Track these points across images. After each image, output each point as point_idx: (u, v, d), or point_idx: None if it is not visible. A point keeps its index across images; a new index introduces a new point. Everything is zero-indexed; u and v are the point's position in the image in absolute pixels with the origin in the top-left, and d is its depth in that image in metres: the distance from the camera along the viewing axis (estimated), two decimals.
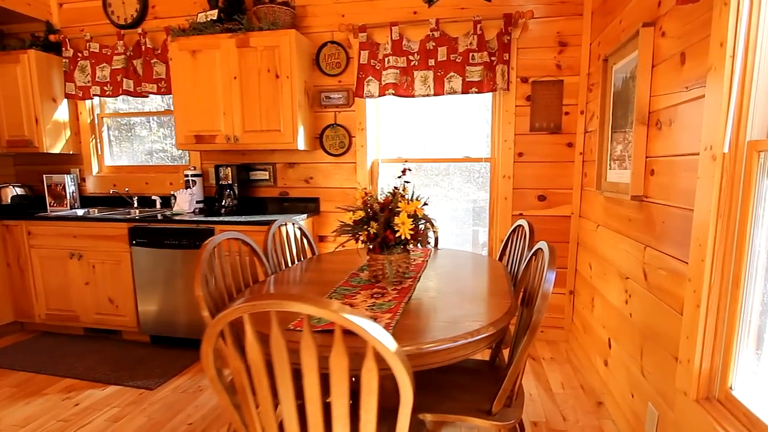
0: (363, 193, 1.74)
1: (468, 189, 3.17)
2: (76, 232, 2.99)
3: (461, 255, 2.26)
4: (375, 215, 1.66)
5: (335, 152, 3.11)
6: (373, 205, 1.66)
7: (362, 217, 1.67)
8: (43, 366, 2.72)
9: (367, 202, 1.70)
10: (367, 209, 1.68)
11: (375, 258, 1.72)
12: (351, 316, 0.83)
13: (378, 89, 2.83)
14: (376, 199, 1.71)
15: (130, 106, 3.64)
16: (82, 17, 3.45)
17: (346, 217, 1.68)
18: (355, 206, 1.72)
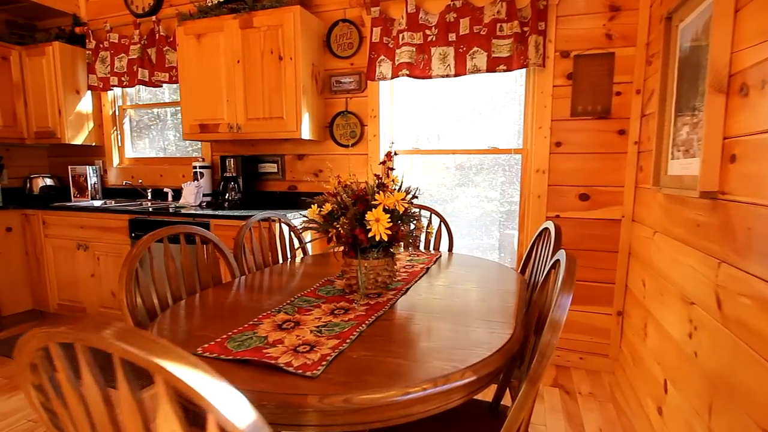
0: (337, 180, 1.39)
1: (495, 186, 2.72)
2: (83, 223, 2.91)
3: (474, 263, 1.83)
4: (346, 209, 1.30)
5: (346, 142, 2.79)
6: (342, 196, 1.30)
7: (330, 210, 1.32)
8: None
9: (337, 192, 1.35)
10: (338, 201, 1.33)
11: (349, 263, 1.36)
12: (169, 364, 0.48)
13: (391, 70, 2.46)
14: (351, 189, 1.36)
15: (153, 97, 3.55)
16: (106, 9, 3.40)
17: (311, 211, 1.34)
18: (325, 197, 1.37)
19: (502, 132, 2.60)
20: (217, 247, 1.62)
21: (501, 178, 2.72)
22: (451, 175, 2.81)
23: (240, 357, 0.88)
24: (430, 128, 2.78)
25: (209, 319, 1.15)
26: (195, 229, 1.56)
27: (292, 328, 1.05)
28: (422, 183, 2.83)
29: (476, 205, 2.83)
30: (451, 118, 2.72)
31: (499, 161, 2.66)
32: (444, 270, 1.71)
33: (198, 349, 0.93)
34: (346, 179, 1.37)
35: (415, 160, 2.83)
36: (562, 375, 2.40)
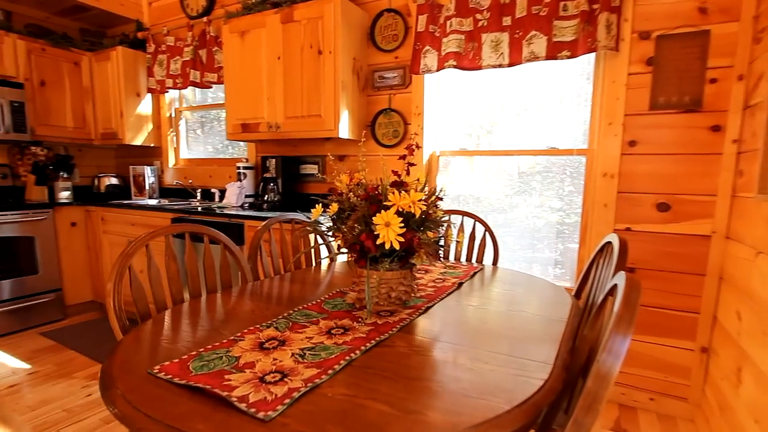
0: (348, 177, 1.22)
1: (561, 194, 2.39)
2: (133, 221, 3.03)
3: (519, 280, 1.57)
4: (352, 210, 1.13)
5: (388, 142, 2.62)
6: (349, 195, 1.13)
7: (336, 212, 1.15)
8: (88, 348, 2.76)
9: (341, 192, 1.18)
10: (345, 201, 1.16)
11: (359, 273, 1.19)
12: None
13: (437, 61, 2.26)
14: (364, 187, 1.18)
15: (207, 98, 3.66)
16: (166, 13, 3.57)
17: (315, 211, 1.18)
18: (334, 197, 1.21)
19: (564, 131, 2.28)
20: (228, 249, 1.53)
21: (568, 186, 2.40)
22: (512, 181, 2.53)
23: (193, 383, 0.73)
24: (479, 127, 2.53)
25: (192, 329, 1.04)
26: (203, 229, 1.48)
27: (274, 349, 0.90)
28: (481, 190, 2.58)
29: (538, 215, 2.52)
30: (503, 115, 2.45)
31: (566, 167, 2.34)
32: (480, 287, 1.47)
33: (156, 367, 0.80)
34: (360, 177, 1.20)
35: (475, 166, 2.59)
36: (627, 417, 2.03)
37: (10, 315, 3.02)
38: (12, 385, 2.36)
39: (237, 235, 2.46)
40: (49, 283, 3.22)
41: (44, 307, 3.20)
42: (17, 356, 2.69)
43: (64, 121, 3.49)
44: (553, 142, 2.29)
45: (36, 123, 3.30)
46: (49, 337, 2.98)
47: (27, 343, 2.89)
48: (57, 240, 3.24)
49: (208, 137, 3.70)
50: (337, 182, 1.19)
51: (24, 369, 2.54)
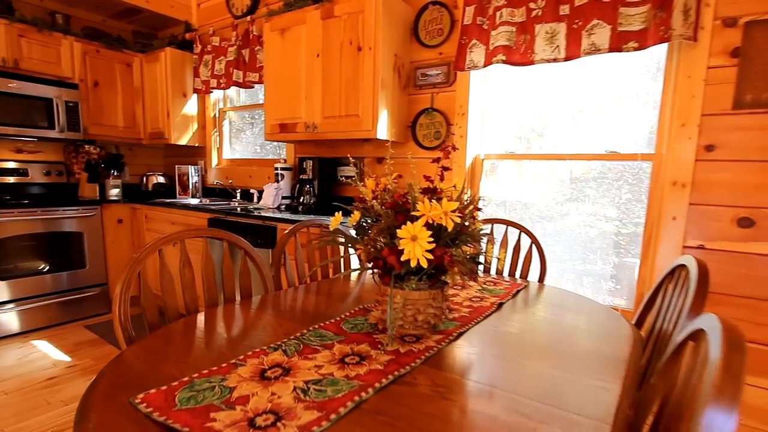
0: (374, 182, 1.09)
1: (618, 203, 2.14)
2: (173, 219, 3.08)
3: (569, 302, 1.38)
4: (376, 221, 1.00)
5: (429, 144, 2.48)
6: (373, 204, 1.00)
7: (359, 221, 1.03)
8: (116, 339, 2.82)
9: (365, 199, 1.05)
10: (368, 209, 1.03)
11: (383, 291, 1.06)
12: None
13: (484, 56, 2.09)
14: (391, 194, 1.05)
15: (250, 98, 3.69)
16: (213, 14, 3.63)
17: (334, 220, 1.06)
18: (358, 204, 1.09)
19: (624, 133, 2.03)
20: (249, 255, 1.45)
21: (626, 194, 2.15)
22: (564, 187, 2.31)
23: (171, 422, 0.63)
24: (529, 129, 2.32)
25: (195, 347, 0.95)
26: (223, 234, 1.41)
27: (276, 379, 0.79)
28: (529, 196, 2.38)
29: (591, 224, 2.28)
30: (555, 116, 2.23)
31: (624, 173, 2.09)
32: (524, 309, 1.30)
33: (139, 396, 0.71)
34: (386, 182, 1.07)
35: (524, 170, 2.38)
36: None
37: (60, 306, 3.16)
38: (51, 377, 2.43)
39: (270, 238, 2.41)
40: (96, 277, 3.35)
41: (90, 300, 3.33)
42: (61, 348, 2.80)
43: (115, 120, 3.63)
44: (612, 146, 2.04)
45: (89, 122, 3.45)
46: (92, 330, 3.09)
47: (72, 335, 3.01)
48: (104, 236, 3.36)
49: (253, 137, 3.72)
50: (361, 187, 1.07)
51: (64, 362, 2.62)
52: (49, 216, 3.04)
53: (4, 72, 2.98)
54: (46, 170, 3.48)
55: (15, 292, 2.93)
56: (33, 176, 3.41)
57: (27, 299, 2.99)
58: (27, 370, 2.49)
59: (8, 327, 2.91)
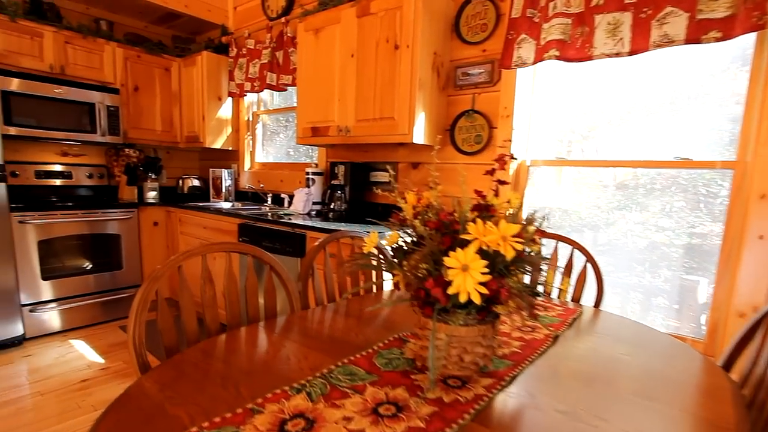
0: (415, 197, 0.94)
1: (670, 211, 1.89)
2: (205, 224, 3.04)
3: (636, 335, 1.17)
4: (418, 242, 0.84)
5: (469, 149, 2.29)
6: (414, 223, 0.84)
7: (397, 243, 0.88)
8: (156, 347, 2.79)
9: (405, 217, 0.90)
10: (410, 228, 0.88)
11: (423, 324, 0.90)
12: None
13: (534, 52, 1.89)
14: (436, 211, 0.89)
15: (284, 101, 3.63)
16: (249, 17, 3.59)
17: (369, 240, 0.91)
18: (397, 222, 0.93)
19: (696, 138, 1.77)
20: (275, 271, 1.33)
21: (679, 201, 1.90)
22: (608, 194, 2.08)
23: None
24: (572, 131, 2.10)
25: (210, 381, 0.83)
26: (248, 248, 1.29)
27: None
28: (570, 204, 2.16)
29: (640, 234, 2.04)
30: (610, 117, 2.00)
31: (678, 180, 1.84)
32: (585, 344, 1.10)
33: None
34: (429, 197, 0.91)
35: (563, 175, 2.17)
36: None
37: (97, 306, 3.20)
38: (84, 380, 2.43)
39: (299, 246, 2.30)
40: (132, 278, 3.37)
41: (126, 301, 3.35)
42: (96, 348, 2.82)
43: (153, 124, 3.66)
44: (682, 151, 1.79)
45: (128, 126, 3.48)
46: (126, 332, 3.11)
47: (107, 336, 3.04)
48: (140, 238, 3.38)
49: (286, 140, 3.66)
50: (400, 202, 0.91)
51: (98, 364, 2.62)
52: (89, 218, 3.08)
53: (51, 78, 3.05)
54: (89, 173, 3.55)
55: (57, 291, 2.99)
56: (77, 179, 3.49)
57: (67, 299, 3.04)
58: (63, 371, 2.51)
59: (50, 325, 2.98)
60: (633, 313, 2.03)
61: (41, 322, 2.92)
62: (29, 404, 2.15)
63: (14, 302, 2.73)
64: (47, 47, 3.00)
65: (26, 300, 2.83)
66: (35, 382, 2.37)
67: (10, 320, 2.72)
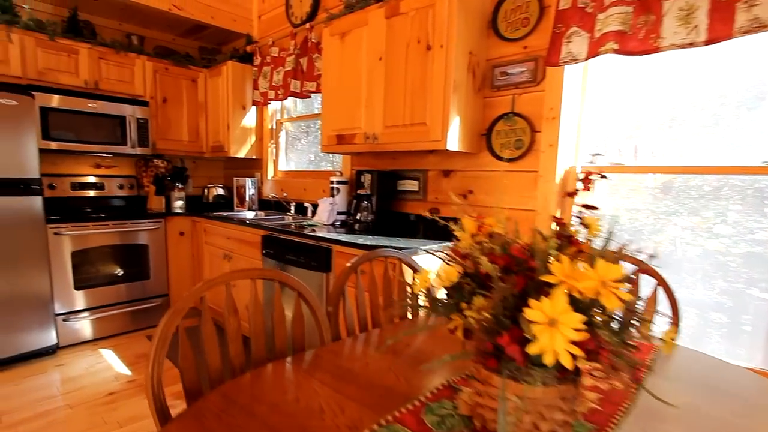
0: (476, 224, 0.72)
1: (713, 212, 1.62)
2: (229, 234, 2.90)
3: (731, 383, 0.91)
4: (482, 283, 0.63)
5: (507, 155, 2.06)
6: (480, 260, 0.63)
7: (455, 282, 0.66)
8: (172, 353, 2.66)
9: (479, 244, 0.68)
10: (470, 265, 0.67)
11: (485, 378, 0.69)
12: None
13: (587, 46, 1.65)
14: (504, 243, 0.68)
15: (306, 109, 3.48)
16: (273, 25, 3.46)
17: (421, 278, 0.70)
18: (455, 252, 0.72)
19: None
20: (303, 298, 1.14)
21: (735, 205, 1.63)
22: (650, 198, 1.83)
23: None
24: (639, 133, 1.83)
25: None
26: (275, 274, 1.11)
27: None
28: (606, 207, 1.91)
29: (691, 241, 1.77)
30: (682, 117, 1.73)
31: (736, 182, 1.57)
32: (675, 394, 0.86)
33: None
34: (493, 223, 0.69)
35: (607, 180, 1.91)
36: None
37: (126, 316, 3.14)
38: (111, 392, 2.37)
39: (324, 260, 2.12)
40: (158, 288, 3.28)
41: (153, 311, 3.26)
42: (123, 359, 2.75)
43: (180, 135, 3.57)
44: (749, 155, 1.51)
45: (157, 138, 3.41)
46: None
47: (134, 346, 2.97)
48: (167, 248, 3.29)
49: (306, 148, 3.50)
50: (456, 230, 0.70)
51: (125, 376, 2.54)
52: (119, 229, 3.03)
53: (86, 93, 3.05)
54: (120, 184, 3.51)
55: (89, 301, 2.94)
56: (109, 189, 3.47)
57: (98, 308, 2.99)
58: (91, 382, 2.46)
59: (82, 334, 2.94)
60: (689, 328, 1.76)
61: (74, 331, 2.89)
62: (60, 417, 2.11)
63: (49, 312, 2.71)
64: (82, 63, 3.00)
65: (60, 309, 2.81)
66: (66, 393, 2.34)
67: (45, 329, 2.70)
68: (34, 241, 2.61)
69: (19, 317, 2.59)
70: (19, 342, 2.60)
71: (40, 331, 2.68)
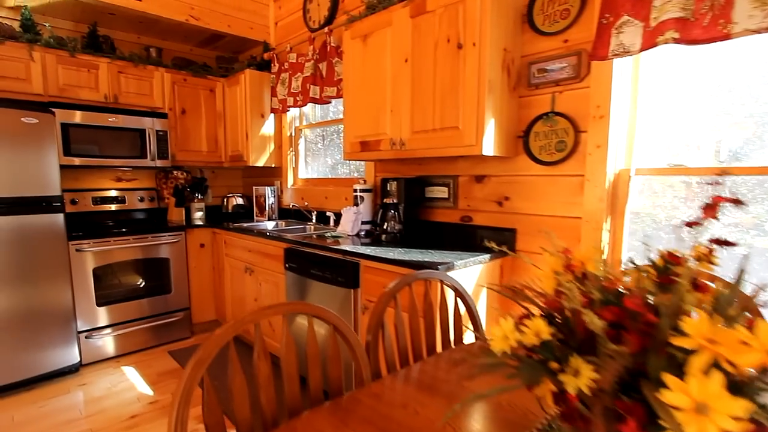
0: (563, 260, 0.57)
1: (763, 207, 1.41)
2: (250, 246, 2.81)
3: None
4: (585, 345, 0.48)
5: (548, 159, 1.89)
6: (586, 315, 0.48)
7: (544, 341, 0.52)
8: None
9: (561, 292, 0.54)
10: (561, 317, 0.52)
11: None
12: None
13: (641, 36, 1.48)
14: (599, 283, 0.53)
15: (326, 114, 3.37)
16: (290, 31, 3.37)
17: (498, 335, 0.56)
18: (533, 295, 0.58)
19: None
20: (340, 333, 1.01)
21: None
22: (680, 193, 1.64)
23: None
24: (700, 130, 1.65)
25: None
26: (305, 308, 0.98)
27: None
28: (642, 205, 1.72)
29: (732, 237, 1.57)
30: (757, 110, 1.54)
31: None
32: None
33: None
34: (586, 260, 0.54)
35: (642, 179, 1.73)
36: None
37: (148, 331, 3.08)
38: (133, 415, 2.29)
39: (351, 276, 1.99)
40: (180, 302, 3.22)
41: (174, 325, 3.20)
42: (146, 377, 2.69)
43: (199, 145, 3.51)
44: None
45: (176, 149, 3.36)
46: (175, 358, 2.97)
47: (156, 363, 2.90)
48: (187, 260, 3.22)
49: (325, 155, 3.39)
50: (539, 271, 0.56)
51: (147, 396, 2.47)
52: (140, 243, 2.98)
53: (105, 108, 3.02)
54: (141, 197, 3.47)
55: (111, 317, 2.89)
56: (130, 203, 3.43)
57: (120, 324, 2.94)
58: (114, 404, 2.39)
59: (105, 351, 2.89)
60: None
61: (96, 348, 2.84)
62: None
63: (71, 330, 2.67)
64: (102, 78, 2.98)
65: (82, 326, 2.77)
66: (89, 416, 2.27)
67: (68, 348, 2.66)
68: (56, 259, 2.58)
69: (43, 336, 2.55)
70: (43, 361, 2.56)
71: (64, 349, 2.64)
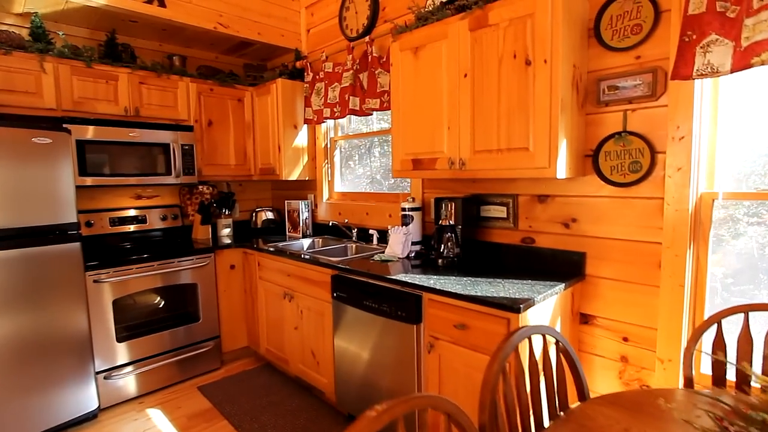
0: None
1: None
2: (289, 271, 2.85)
3: None
4: None
5: (621, 180, 1.92)
6: None
7: None
8: (242, 418, 2.60)
9: None
10: None
11: None
12: None
13: (731, 57, 1.50)
14: None
15: (361, 125, 3.42)
16: (324, 38, 3.44)
17: None
18: None
19: None
20: (454, 421, 1.02)
21: None
22: None
23: None
24: None
25: None
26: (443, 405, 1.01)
27: None
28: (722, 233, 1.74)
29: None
30: None
31: None
32: None
33: None
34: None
35: None
36: None
37: (174, 366, 3.02)
38: None
39: (414, 310, 1.99)
40: (209, 330, 3.20)
41: (204, 356, 3.17)
42: (175, 422, 2.61)
43: (227, 159, 3.57)
44: None
45: (203, 164, 3.41)
46: (206, 395, 2.89)
47: (185, 402, 2.82)
48: (216, 284, 3.24)
49: (363, 168, 3.44)
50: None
51: None
52: (164, 270, 2.93)
53: (125, 122, 3.00)
54: (163, 215, 3.47)
55: (132, 353, 2.81)
56: (151, 222, 3.40)
57: (142, 360, 2.86)
58: None
59: (126, 391, 2.80)
60: None
61: (117, 389, 2.75)
62: None
63: (89, 371, 2.56)
64: (122, 90, 2.95)
65: (101, 366, 2.66)
66: None
67: (85, 391, 2.55)
68: (72, 293, 2.48)
69: (57, 380, 2.45)
70: (58, 409, 2.45)
71: (80, 393, 2.52)
